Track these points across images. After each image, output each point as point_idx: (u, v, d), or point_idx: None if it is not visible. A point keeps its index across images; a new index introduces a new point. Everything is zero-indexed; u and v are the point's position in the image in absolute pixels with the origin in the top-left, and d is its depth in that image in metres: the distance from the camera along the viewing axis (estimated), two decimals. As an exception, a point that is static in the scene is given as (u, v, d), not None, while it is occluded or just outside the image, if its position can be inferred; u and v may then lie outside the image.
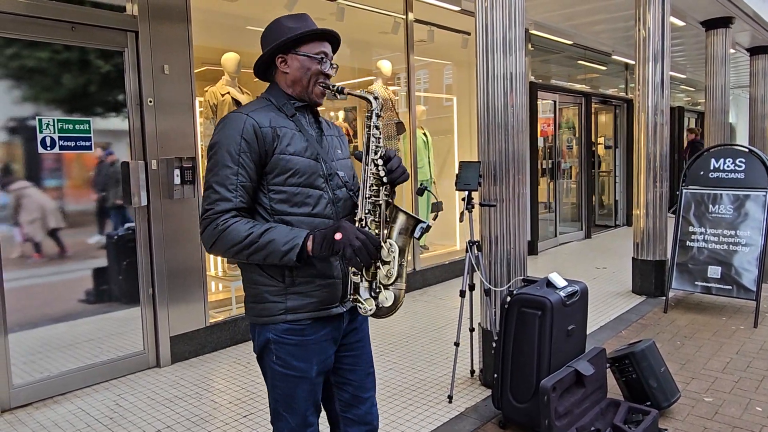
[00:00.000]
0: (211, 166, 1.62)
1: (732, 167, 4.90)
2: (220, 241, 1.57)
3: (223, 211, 1.58)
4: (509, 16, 3.29)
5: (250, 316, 1.72)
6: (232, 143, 1.59)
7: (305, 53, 1.70)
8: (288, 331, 1.66)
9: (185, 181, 3.84)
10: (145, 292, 3.80)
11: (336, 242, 1.54)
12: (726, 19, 7.64)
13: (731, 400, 3.22)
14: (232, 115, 1.66)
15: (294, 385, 1.70)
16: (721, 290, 4.77)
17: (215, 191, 1.59)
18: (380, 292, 1.61)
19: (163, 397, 3.38)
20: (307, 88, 1.73)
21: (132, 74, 3.70)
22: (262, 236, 1.57)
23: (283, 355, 1.68)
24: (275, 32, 1.72)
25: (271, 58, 1.73)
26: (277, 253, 1.56)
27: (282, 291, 1.65)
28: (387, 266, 1.61)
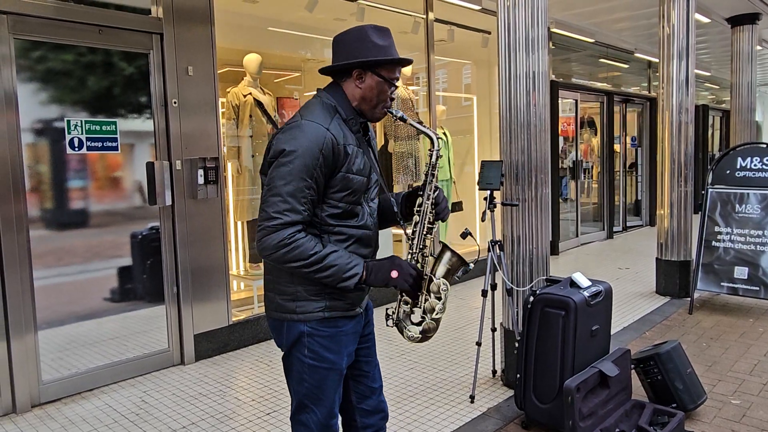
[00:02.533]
0: (285, 173, 1.60)
1: (759, 166, 4.81)
2: (286, 253, 1.59)
3: (292, 222, 1.60)
4: (532, 14, 3.28)
5: (281, 313, 1.74)
6: (311, 156, 1.60)
7: (384, 76, 1.72)
8: (322, 323, 1.72)
9: (209, 181, 3.89)
10: (170, 290, 3.85)
11: (391, 279, 1.68)
12: (752, 16, 7.50)
13: (759, 403, 3.16)
14: (312, 125, 1.63)
15: (324, 377, 1.75)
16: (748, 291, 4.68)
17: (286, 201, 1.59)
18: (424, 321, 1.77)
19: (188, 394, 3.43)
20: (373, 108, 1.76)
21: (157, 76, 3.75)
22: (325, 259, 1.62)
23: (316, 347, 1.72)
24: (360, 44, 1.70)
25: (348, 67, 1.72)
26: (337, 279, 1.64)
27: (320, 291, 1.71)
28: (437, 302, 1.75)
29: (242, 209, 4.87)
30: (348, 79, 1.74)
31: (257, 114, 4.85)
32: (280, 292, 1.73)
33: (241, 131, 4.85)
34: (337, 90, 1.75)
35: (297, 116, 1.69)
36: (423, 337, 1.79)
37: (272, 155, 1.64)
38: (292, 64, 7.48)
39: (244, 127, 4.84)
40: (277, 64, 7.24)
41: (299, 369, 1.75)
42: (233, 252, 5.12)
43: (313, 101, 1.75)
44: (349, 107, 1.74)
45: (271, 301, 1.78)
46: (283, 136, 1.64)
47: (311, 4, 5.19)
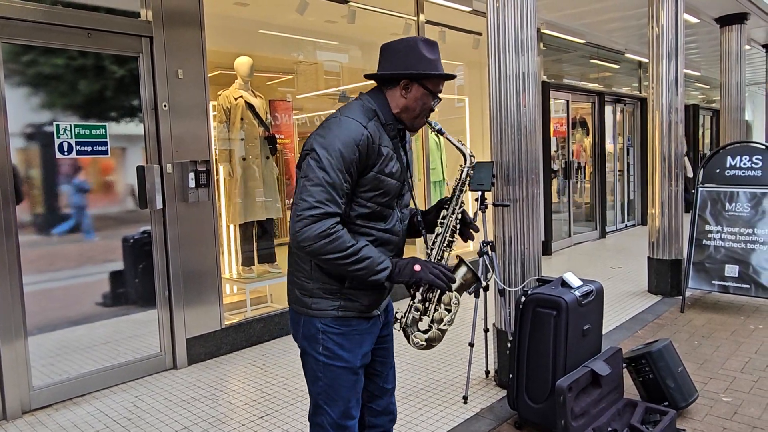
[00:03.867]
0: (325, 165, 1.61)
1: (749, 165, 4.84)
2: (327, 244, 1.59)
3: (334, 213, 1.61)
4: (521, 16, 3.29)
5: (298, 306, 1.77)
6: (349, 150, 1.63)
7: (430, 89, 1.76)
8: (337, 320, 1.74)
9: (200, 185, 3.88)
10: (162, 294, 3.84)
11: (414, 272, 1.70)
12: (741, 15, 7.56)
13: (750, 400, 3.18)
14: (349, 121, 1.67)
15: (337, 375, 1.76)
16: (739, 289, 4.71)
17: (327, 191, 1.60)
18: (431, 329, 1.81)
19: (180, 398, 3.41)
20: (414, 119, 1.79)
21: (147, 79, 3.74)
22: (360, 252, 1.64)
23: (330, 345, 1.74)
24: (411, 56, 1.74)
25: (397, 76, 1.75)
26: (371, 271, 1.65)
27: (337, 291, 1.73)
28: (447, 314, 1.80)
29: (234, 212, 4.85)
30: (394, 87, 1.77)
31: (248, 117, 4.84)
32: (300, 287, 1.77)
33: (232, 134, 4.84)
34: (380, 96, 1.78)
35: (336, 114, 1.73)
36: (427, 345, 1.81)
37: (309, 148, 1.66)
38: (284, 66, 7.48)
39: (235, 130, 4.83)
40: (268, 66, 7.23)
41: (314, 367, 1.77)
42: (225, 255, 5.11)
43: (354, 103, 1.78)
44: (390, 113, 1.77)
45: (290, 293, 1.81)
46: (323, 131, 1.67)
47: (302, 6, 5.19)
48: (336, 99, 8.60)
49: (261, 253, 5.07)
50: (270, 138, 4.97)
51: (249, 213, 4.87)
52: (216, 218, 4.08)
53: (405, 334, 1.83)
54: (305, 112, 9.02)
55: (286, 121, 7.81)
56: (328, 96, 8.47)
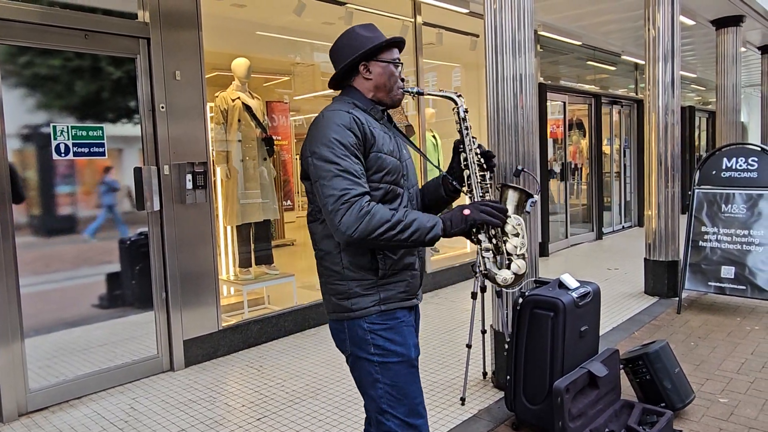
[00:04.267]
0: (330, 157, 1.61)
1: (744, 166, 4.86)
2: (369, 221, 1.56)
3: (361, 193, 1.59)
4: (518, 17, 3.30)
5: (338, 313, 1.73)
6: (344, 134, 1.63)
7: (386, 59, 1.80)
8: (381, 314, 1.70)
9: (197, 186, 3.87)
10: (159, 296, 3.83)
11: (466, 217, 1.66)
12: (736, 18, 7.59)
13: (747, 401, 3.19)
14: (331, 112, 1.68)
15: (396, 372, 1.70)
16: (735, 290, 4.73)
17: (345, 178, 1.59)
18: (512, 262, 1.74)
19: (177, 400, 3.41)
20: (389, 92, 1.82)
21: (144, 80, 3.74)
22: (406, 216, 1.60)
23: (380, 342, 1.70)
24: (355, 41, 1.79)
25: (353, 65, 1.79)
26: (424, 229, 1.61)
27: (374, 284, 1.70)
28: (516, 238, 1.74)
29: (231, 214, 4.85)
30: (356, 76, 1.81)
31: (246, 118, 4.84)
32: (335, 292, 1.73)
33: (229, 136, 4.84)
34: (350, 89, 1.82)
35: (318, 114, 1.73)
36: (516, 279, 1.75)
37: (309, 153, 1.66)
38: (282, 68, 7.48)
39: (232, 132, 4.83)
40: (266, 68, 7.24)
41: (369, 370, 1.70)
42: (223, 257, 5.10)
43: (332, 104, 1.80)
44: (366, 100, 1.80)
45: (327, 303, 1.78)
46: (314, 132, 1.68)
47: (299, 8, 5.19)
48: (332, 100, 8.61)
49: (258, 255, 5.07)
50: (267, 139, 4.97)
51: (246, 214, 4.87)
52: (213, 220, 4.07)
53: (489, 278, 1.77)
54: (302, 113, 9.02)
55: (284, 122, 7.83)
56: (325, 97, 8.47)
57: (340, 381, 3.59)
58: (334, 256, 1.72)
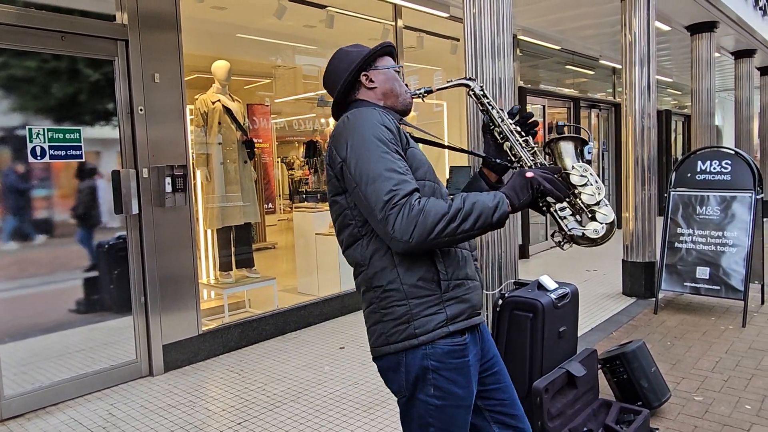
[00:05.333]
0: (366, 159, 1.44)
1: (718, 169, 4.97)
2: (424, 220, 1.38)
3: (408, 192, 1.41)
4: (497, 22, 3.33)
5: (398, 343, 1.49)
6: (379, 131, 1.48)
7: (384, 65, 1.72)
8: (448, 354, 1.49)
9: (176, 189, 3.84)
10: (137, 300, 3.79)
11: (529, 180, 1.51)
12: (710, 24, 7.76)
13: (721, 399, 3.26)
14: (358, 111, 1.55)
15: (453, 417, 1.52)
16: (710, 291, 4.82)
17: (389, 178, 1.41)
18: (595, 213, 1.59)
19: (157, 405, 3.37)
20: (399, 98, 1.72)
21: (122, 83, 3.70)
22: (464, 203, 1.43)
23: (443, 383, 1.49)
24: (347, 57, 1.71)
25: (353, 79, 1.69)
26: (488, 211, 1.43)
27: (439, 300, 1.49)
28: (589, 187, 1.59)
29: (212, 217, 4.82)
30: (360, 89, 1.70)
31: (226, 121, 4.81)
32: (393, 317, 1.49)
33: (210, 138, 4.81)
34: (359, 104, 1.69)
35: (339, 122, 1.60)
36: (609, 229, 1.58)
37: (340, 159, 1.50)
38: (263, 70, 7.46)
39: (213, 134, 4.80)
40: (247, 70, 7.21)
41: (423, 413, 1.51)
42: (203, 260, 5.06)
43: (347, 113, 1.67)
44: (383, 107, 1.68)
45: (380, 335, 1.53)
46: (338, 137, 1.53)
47: (280, 10, 5.18)
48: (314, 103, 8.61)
49: (239, 258, 5.04)
50: (248, 142, 4.95)
51: (227, 218, 4.84)
52: (193, 223, 4.04)
53: (575, 240, 1.58)
54: (284, 116, 9.00)
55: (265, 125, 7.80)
56: (307, 100, 8.47)
57: (321, 384, 3.59)
58: (389, 272, 1.49)
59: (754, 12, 8.84)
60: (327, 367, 3.88)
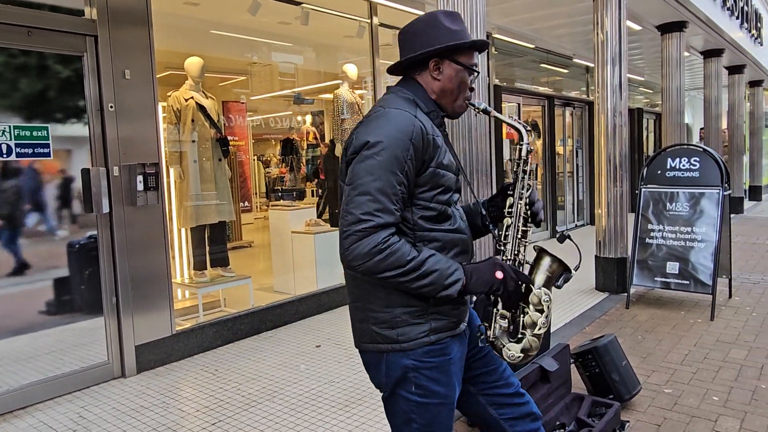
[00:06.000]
0: (372, 167, 1.39)
1: (687, 166, 5.08)
2: (381, 261, 1.38)
3: (385, 224, 1.38)
4: (471, 20, 3.36)
5: (378, 344, 1.52)
6: (401, 147, 1.41)
7: (464, 63, 1.57)
8: (429, 353, 1.51)
9: (149, 188, 3.78)
10: (109, 301, 3.72)
11: (496, 280, 1.48)
12: (680, 23, 7.91)
13: (689, 391, 3.34)
14: (397, 112, 1.46)
15: (435, 414, 1.54)
16: (680, 285, 4.93)
17: (376, 200, 1.38)
18: (524, 338, 1.58)
19: (129, 407, 3.32)
20: (454, 102, 1.59)
21: (92, 79, 3.63)
22: (424, 264, 1.41)
23: (424, 382, 1.52)
24: (434, 30, 1.55)
25: (423, 57, 1.55)
26: (438, 287, 1.43)
27: (423, 312, 1.50)
28: (539, 315, 1.57)
29: (186, 216, 4.76)
30: (424, 71, 1.57)
31: (200, 118, 4.75)
32: (376, 321, 1.51)
33: (183, 136, 4.75)
34: (412, 84, 1.58)
35: (377, 107, 1.53)
36: (524, 356, 1.59)
37: (354, 150, 1.45)
38: (238, 67, 7.38)
39: (186, 132, 4.74)
40: (222, 67, 7.13)
41: (405, 408, 1.54)
42: (177, 259, 5.00)
43: (389, 96, 1.58)
44: (429, 100, 1.57)
45: (364, 333, 1.55)
46: (366, 128, 1.46)
47: (254, 7, 5.13)
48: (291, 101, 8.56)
49: (214, 257, 4.99)
50: (222, 140, 4.90)
51: (201, 216, 4.79)
52: (166, 222, 3.99)
53: (495, 348, 1.60)
54: (260, 113, 8.93)
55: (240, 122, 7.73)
56: (283, 98, 8.41)
57: (297, 383, 3.58)
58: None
59: (722, 12, 9.04)
60: (303, 366, 3.86)
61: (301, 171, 8.84)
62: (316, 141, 8.92)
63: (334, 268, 5.46)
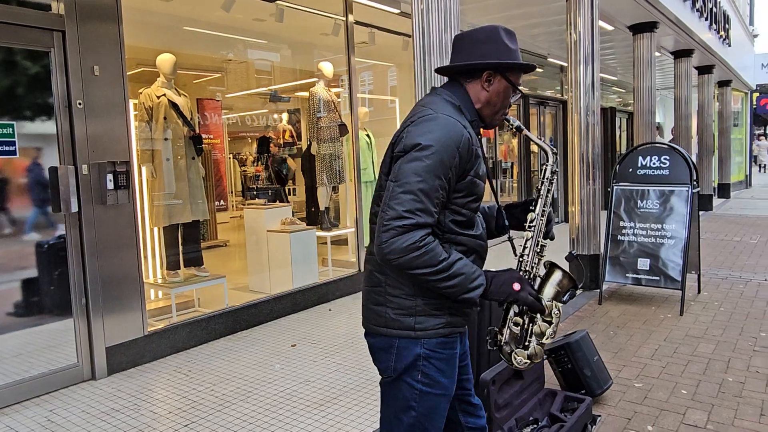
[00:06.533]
0: (420, 169, 1.47)
1: (658, 164, 5.17)
2: (416, 258, 1.46)
3: (424, 224, 1.47)
4: (445, 19, 3.36)
5: (394, 329, 1.59)
6: (449, 154, 1.49)
7: (512, 81, 1.66)
8: (441, 344, 1.60)
9: (119, 186, 3.72)
10: (78, 302, 3.65)
11: (513, 292, 1.59)
12: (651, 24, 8.04)
13: (659, 385, 3.40)
14: (448, 119, 1.54)
15: (435, 404, 1.63)
16: (650, 281, 5.02)
17: (419, 200, 1.46)
18: (530, 345, 1.69)
19: (99, 410, 3.26)
20: (494, 114, 1.69)
21: (59, 75, 3.55)
22: (453, 266, 1.50)
23: (431, 372, 1.60)
24: (495, 44, 1.64)
25: (481, 67, 1.64)
26: (462, 290, 1.53)
27: (442, 306, 1.59)
28: (548, 326, 1.67)
29: (158, 215, 4.68)
30: (475, 80, 1.66)
31: (172, 116, 4.68)
32: (396, 306, 1.59)
33: (155, 134, 4.67)
34: (460, 90, 1.67)
35: (428, 110, 1.58)
36: (530, 363, 1.70)
37: (402, 148, 1.52)
38: (213, 64, 7.30)
39: (158, 130, 4.66)
40: (196, 64, 7.04)
41: (408, 395, 1.61)
42: (150, 259, 4.92)
43: (436, 98, 1.65)
44: (473, 109, 1.66)
45: (379, 315, 1.61)
46: (418, 129, 1.53)
47: (228, 3, 5.08)
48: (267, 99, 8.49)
49: (187, 257, 4.92)
50: (196, 138, 4.83)
51: (174, 215, 4.72)
52: (137, 221, 3.92)
53: (503, 353, 1.71)
54: (236, 111, 8.84)
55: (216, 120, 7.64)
56: (259, 95, 8.34)
57: (272, 382, 3.55)
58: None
59: (692, 14, 9.23)
60: (278, 365, 3.84)
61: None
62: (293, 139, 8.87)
63: (309, 267, 5.44)
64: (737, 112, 17.43)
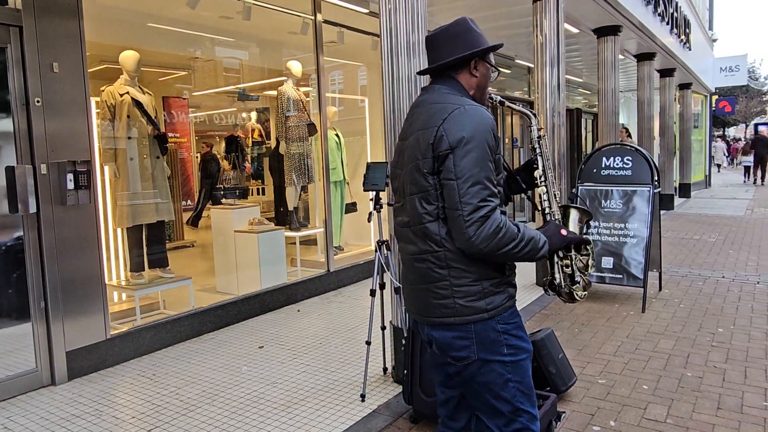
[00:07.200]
0: (475, 159, 1.60)
1: (621, 165, 5.29)
2: (502, 238, 1.60)
3: (495, 207, 1.61)
4: (412, 19, 3.37)
5: (469, 316, 1.68)
6: (488, 138, 1.63)
7: (491, 62, 1.82)
8: (511, 314, 1.74)
9: (79, 186, 3.62)
10: (37, 305, 3.54)
11: (564, 237, 1.78)
12: (615, 28, 8.22)
13: (621, 381, 3.48)
14: (477, 109, 1.66)
15: (524, 368, 1.74)
16: (614, 279, 5.14)
17: (486, 187, 1.60)
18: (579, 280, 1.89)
19: (59, 416, 3.17)
20: (483, 96, 1.83)
21: (16, 72, 3.44)
22: (525, 234, 1.65)
23: (513, 341, 1.72)
24: (470, 35, 1.77)
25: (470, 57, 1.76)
26: (536, 250, 1.68)
27: (503, 282, 1.73)
28: (587, 258, 1.89)
29: (122, 215, 4.58)
30: (464, 70, 1.78)
31: (136, 114, 4.58)
32: (464, 294, 1.68)
33: (118, 132, 4.56)
34: (454, 83, 1.78)
35: (450, 105, 1.67)
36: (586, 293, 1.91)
37: (449, 146, 1.62)
38: (179, 62, 7.16)
39: (121, 128, 4.55)
40: (162, 62, 6.89)
41: (501, 371, 1.70)
42: (113, 260, 4.81)
43: (444, 94, 1.74)
44: (470, 96, 1.79)
45: (446, 308, 1.70)
46: (455, 125, 1.63)
47: (193, 0, 4.99)
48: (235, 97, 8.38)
49: (152, 258, 4.83)
50: (160, 137, 4.74)
51: (138, 215, 4.62)
52: (99, 222, 3.83)
53: (562, 294, 1.89)
54: (203, 110, 8.70)
55: (183, 118, 7.51)
56: (227, 94, 8.23)
57: (238, 385, 3.51)
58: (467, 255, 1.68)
59: (654, 18, 9.47)
60: (245, 368, 3.80)
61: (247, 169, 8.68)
62: (262, 138, 8.78)
63: (278, 268, 5.39)
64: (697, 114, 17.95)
